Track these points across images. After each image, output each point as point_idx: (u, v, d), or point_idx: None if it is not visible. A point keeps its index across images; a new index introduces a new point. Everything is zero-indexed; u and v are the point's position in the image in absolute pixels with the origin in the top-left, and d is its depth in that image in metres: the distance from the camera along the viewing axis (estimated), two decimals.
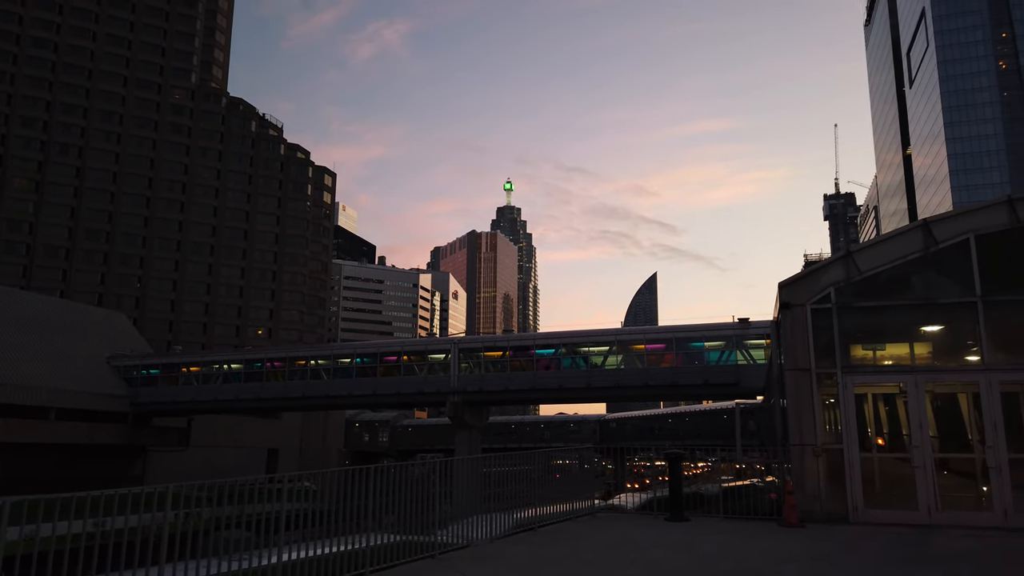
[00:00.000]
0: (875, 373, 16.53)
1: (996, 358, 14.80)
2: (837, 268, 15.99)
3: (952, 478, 17.21)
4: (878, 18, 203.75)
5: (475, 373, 57.86)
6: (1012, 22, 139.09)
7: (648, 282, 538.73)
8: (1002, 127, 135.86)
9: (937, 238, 15.42)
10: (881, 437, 21.30)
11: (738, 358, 49.87)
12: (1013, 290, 15.07)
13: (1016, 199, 15.24)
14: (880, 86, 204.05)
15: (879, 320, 16.31)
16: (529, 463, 16.17)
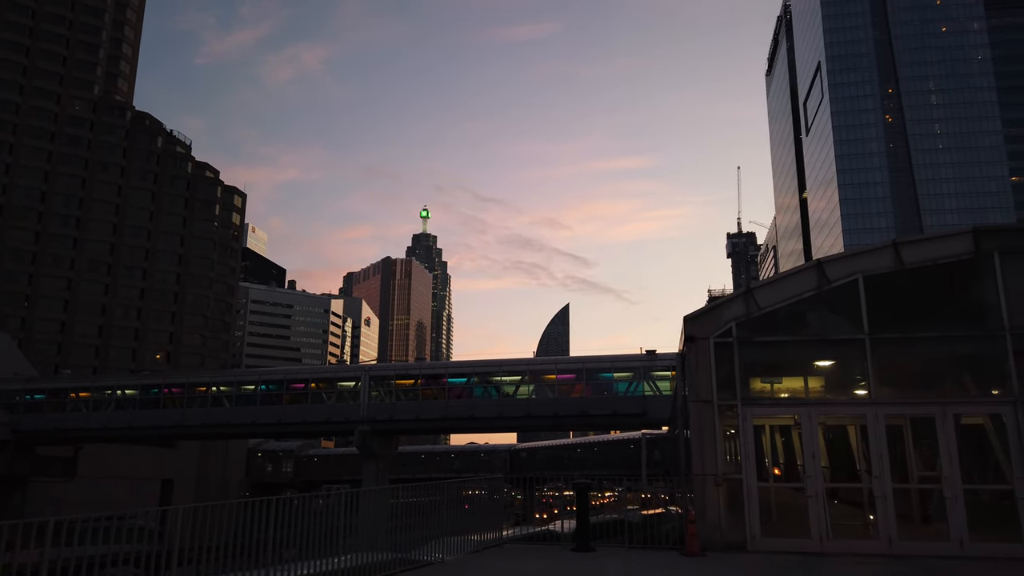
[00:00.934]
0: (772, 405, 17.23)
1: (882, 393, 15.69)
2: (738, 304, 16.65)
3: (842, 507, 18.04)
4: (778, 69, 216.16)
5: (386, 402, 56.90)
6: (898, 79, 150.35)
7: (560, 313, 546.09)
8: (888, 176, 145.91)
9: (830, 278, 16.31)
10: (778, 467, 22.16)
11: (645, 389, 51.02)
12: (897, 328, 16.06)
13: (900, 243, 16.33)
14: (779, 133, 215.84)
15: (777, 354, 17.04)
16: (438, 494, 15.97)
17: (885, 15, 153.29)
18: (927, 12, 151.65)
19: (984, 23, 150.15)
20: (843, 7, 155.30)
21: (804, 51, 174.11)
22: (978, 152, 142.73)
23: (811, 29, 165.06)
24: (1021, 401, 14.78)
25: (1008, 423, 14.82)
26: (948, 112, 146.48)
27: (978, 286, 15.97)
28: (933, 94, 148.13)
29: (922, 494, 16.51)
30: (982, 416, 16.03)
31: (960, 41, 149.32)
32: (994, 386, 15.57)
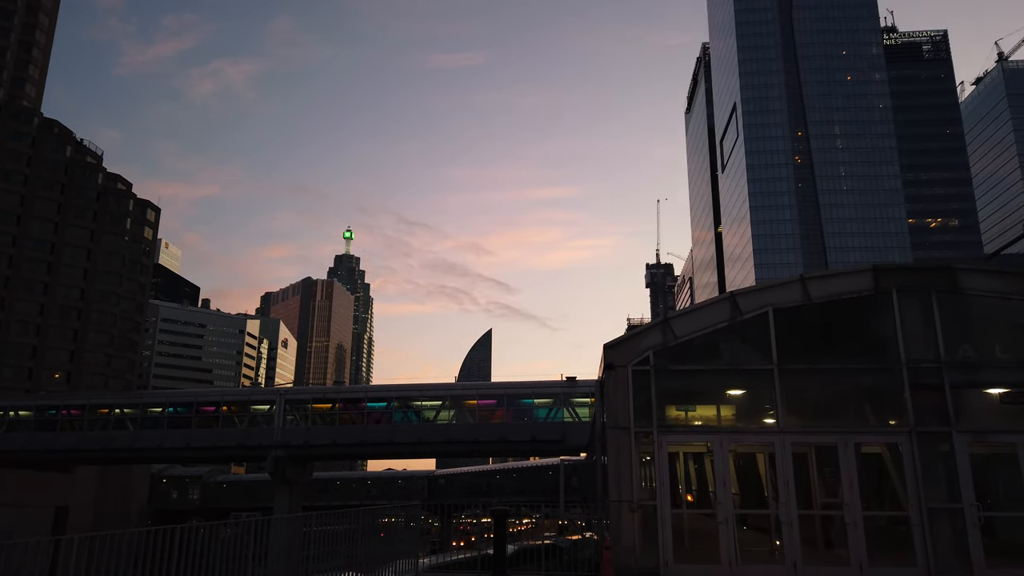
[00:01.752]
0: (687, 433, 17.64)
1: (789, 422, 16.30)
2: (656, 333, 17.05)
3: (751, 533, 18.57)
4: (697, 108, 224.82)
5: (301, 426, 55.34)
6: (807, 123, 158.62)
7: (483, 338, 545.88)
8: (797, 214, 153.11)
9: (742, 309, 16.92)
10: (691, 494, 22.65)
11: (565, 415, 51.42)
12: (803, 360, 16.76)
13: (807, 278, 17.12)
14: (697, 169, 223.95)
15: (691, 383, 17.50)
16: (353, 521, 15.60)
17: (796, 62, 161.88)
18: (834, 62, 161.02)
19: (885, 74, 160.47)
20: (758, 52, 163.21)
21: (721, 92, 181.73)
22: (878, 195, 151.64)
23: (728, 72, 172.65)
24: (916, 432, 15.62)
25: (904, 452, 15.63)
26: (852, 156, 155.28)
27: (878, 321, 16.86)
28: (839, 138, 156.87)
29: (825, 520, 17.16)
30: (880, 445, 16.84)
31: (864, 90, 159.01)
32: (892, 417, 16.41)
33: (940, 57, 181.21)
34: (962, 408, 15.80)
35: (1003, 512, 15.96)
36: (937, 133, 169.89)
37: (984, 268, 17.29)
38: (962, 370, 16.00)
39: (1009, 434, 15.64)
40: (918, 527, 15.15)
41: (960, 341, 16.10)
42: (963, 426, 15.52)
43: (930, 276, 16.61)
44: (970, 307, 16.39)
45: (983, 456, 16.28)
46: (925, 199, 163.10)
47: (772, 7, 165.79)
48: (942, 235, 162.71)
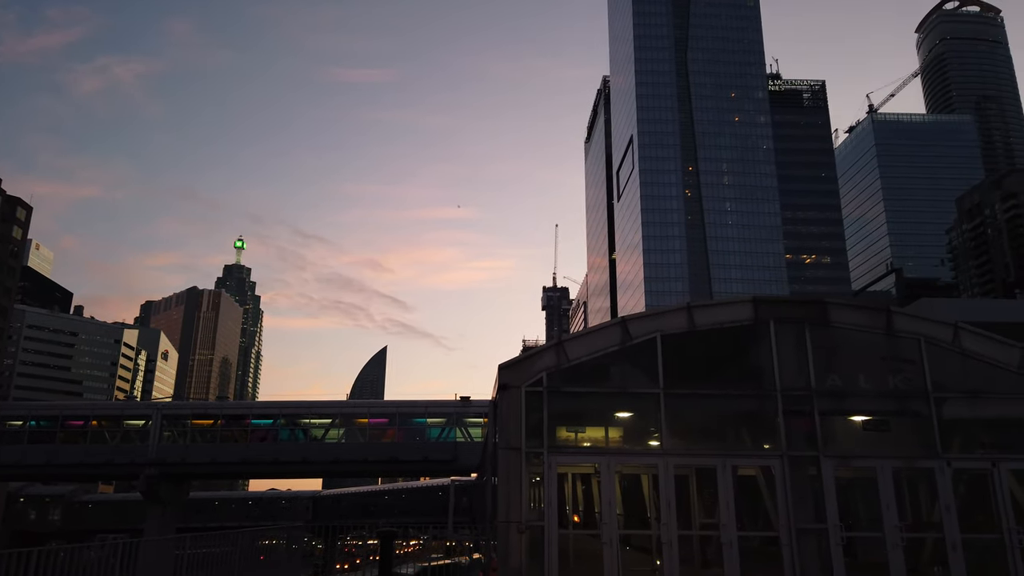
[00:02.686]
0: (576, 454, 17.97)
1: (672, 444, 16.89)
2: (550, 355, 17.33)
3: (634, 553, 19.05)
4: (596, 138, 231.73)
5: (179, 443, 52.51)
6: (697, 159, 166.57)
7: (377, 356, 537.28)
8: (685, 244, 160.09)
9: (632, 335, 17.47)
10: (578, 515, 23.01)
11: (457, 435, 51.22)
12: (687, 385, 17.42)
13: (693, 307, 17.89)
14: (594, 197, 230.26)
15: (583, 405, 17.85)
16: (230, 544, 14.92)
17: (690, 101, 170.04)
18: (723, 102, 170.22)
19: (769, 117, 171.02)
20: (655, 89, 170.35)
21: (619, 124, 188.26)
22: (760, 230, 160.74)
23: (626, 105, 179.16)
24: (787, 455, 16.53)
25: (776, 475, 16.49)
26: (737, 192, 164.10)
27: (756, 350, 17.79)
28: (726, 175, 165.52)
29: (703, 540, 17.82)
30: (756, 468, 17.69)
31: (749, 131, 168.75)
32: (766, 441, 17.30)
33: (818, 105, 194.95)
34: (829, 434, 16.86)
35: (863, 532, 17.07)
36: (813, 176, 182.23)
37: (851, 303, 18.56)
38: (830, 398, 17.09)
39: (870, 459, 16.79)
40: (787, 547, 15.98)
41: (829, 371, 17.21)
42: (829, 451, 16.55)
43: (804, 309, 17.71)
44: (838, 339, 17.57)
45: (846, 479, 17.39)
46: (801, 236, 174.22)
47: (669, 47, 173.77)
48: (815, 271, 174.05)
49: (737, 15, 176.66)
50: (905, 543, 16.13)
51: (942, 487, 16.32)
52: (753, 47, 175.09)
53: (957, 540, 15.97)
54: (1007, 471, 16.57)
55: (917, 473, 16.96)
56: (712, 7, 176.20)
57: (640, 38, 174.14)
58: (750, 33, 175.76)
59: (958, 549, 15.91)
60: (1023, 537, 16.04)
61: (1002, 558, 16.04)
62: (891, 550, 15.93)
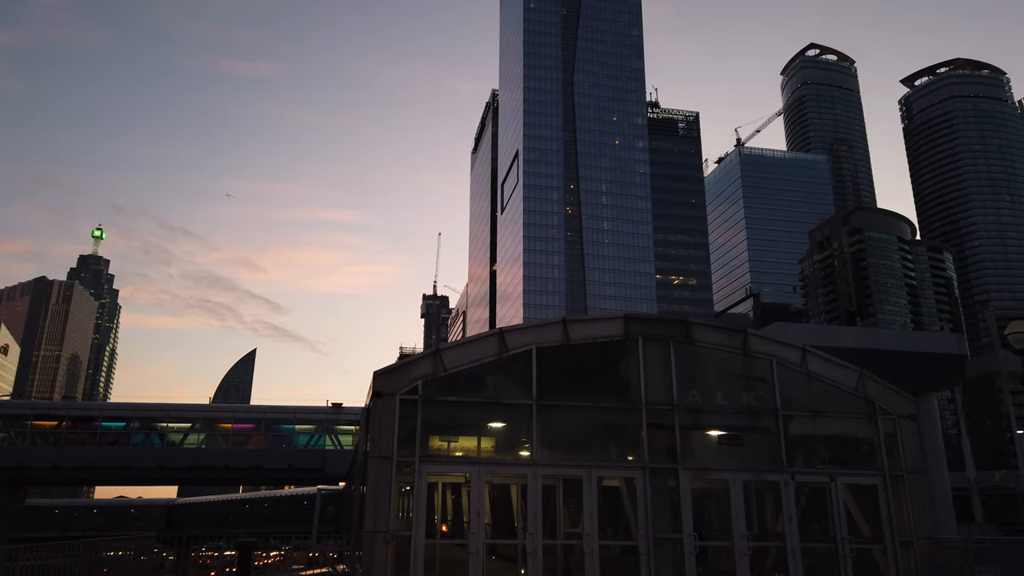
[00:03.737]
0: (447, 463, 17.96)
1: (542, 455, 17.24)
2: (427, 363, 17.28)
3: (500, 562, 19.26)
4: (483, 150, 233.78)
5: (16, 445, 48.15)
6: (579, 178, 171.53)
7: (246, 358, 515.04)
8: (564, 260, 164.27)
9: (509, 346, 17.72)
10: (446, 524, 22.99)
11: (327, 443, 49.91)
12: (560, 397, 17.86)
13: (568, 321, 18.38)
14: (479, 208, 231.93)
15: (457, 414, 17.88)
16: (70, 556, 13.84)
17: (574, 121, 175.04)
18: (605, 126, 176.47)
19: (647, 143, 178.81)
20: (542, 107, 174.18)
21: (506, 139, 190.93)
22: (633, 250, 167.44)
23: (514, 121, 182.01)
24: (649, 467, 17.27)
25: (638, 486, 17.18)
26: (614, 213, 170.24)
27: (625, 365, 18.51)
28: (604, 195, 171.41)
29: (567, 549, 18.28)
30: (619, 479, 18.35)
31: (628, 155, 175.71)
32: (630, 453, 17.99)
33: (692, 135, 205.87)
34: (688, 447, 17.77)
35: (714, 542, 18.08)
36: (684, 202, 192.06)
37: (713, 324, 19.68)
38: (690, 413, 18.03)
39: (723, 471, 17.83)
40: (645, 555, 16.66)
41: (690, 387, 18.16)
42: (687, 463, 17.44)
43: (670, 327, 18.61)
44: (700, 357, 18.58)
45: (702, 491, 18.38)
46: (671, 258, 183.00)
47: (557, 66, 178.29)
48: (682, 291, 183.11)
49: (622, 43, 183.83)
50: (752, 551, 17.22)
51: (786, 499, 17.57)
52: (635, 75, 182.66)
53: (797, 549, 17.22)
54: (843, 485, 18.06)
55: (765, 486, 18.16)
56: (599, 32, 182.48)
57: (530, 55, 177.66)
58: (633, 61, 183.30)
59: (797, 557, 17.16)
60: (854, 546, 17.52)
61: (835, 565, 17.45)
62: (739, 558, 16.96)
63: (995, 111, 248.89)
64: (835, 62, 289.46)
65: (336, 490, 45.01)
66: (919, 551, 17.76)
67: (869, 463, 18.47)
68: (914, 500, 18.05)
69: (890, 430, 18.51)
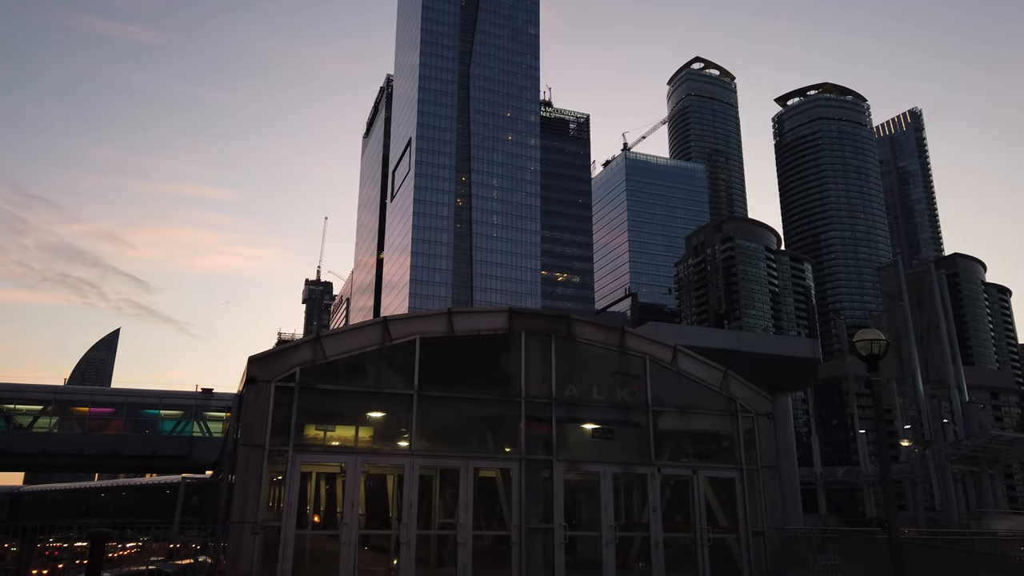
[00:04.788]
0: (323, 453, 17.65)
1: (420, 445, 17.27)
2: (306, 350, 16.88)
3: (372, 553, 19.12)
4: (375, 134, 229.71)
5: None
6: (471, 171, 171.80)
7: (108, 338, 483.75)
8: (452, 251, 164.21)
9: (392, 335, 17.61)
10: (318, 515, 22.59)
11: (195, 429, 47.71)
12: (441, 388, 17.94)
13: (454, 312, 18.47)
14: (368, 193, 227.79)
15: (335, 403, 17.60)
16: None
17: (468, 113, 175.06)
18: (499, 120, 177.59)
19: (539, 141, 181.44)
20: (436, 96, 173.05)
21: (400, 125, 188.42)
22: (521, 245, 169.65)
23: (408, 109, 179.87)
24: (526, 459, 17.65)
25: (514, 477, 17.54)
26: (505, 207, 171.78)
27: (507, 358, 18.81)
28: (495, 190, 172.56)
29: (440, 539, 18.40)
30: (496, 470, 18.66)
31: (520, 151, 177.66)
32: (508, 445, 18.33)
33: (582, 137, 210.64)
34: (563, 440, 18.31)
35: (583, 532, 18.72)
36: (572, 201, 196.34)
37: (593, 321, 20.34)
38: (567, 407, 18.58)
39: (595, 464, 18.49)
40: (516, 545, 17.03)
41: (568, 381, 18.70)
42: (562, 456, 17.96)
43: (552, 323, 19.08)
44: (579, 353, 19.16)
45: (574, 482, 18.98)
46: (556, 255, 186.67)
47: (453, 57, 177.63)
48: (565, 288, 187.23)
49: (519, 40, 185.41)
50: (618, 541, 17.98)
51: (652, 491, 18.44)
52: (530, 72, 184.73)
53: (660, 539, 18.12)
54: (704, 478, 19.16)
55: (633, 478, 18.99)
56: (497, 28, 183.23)
57: (427, 44, 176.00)
58: (529, 59, 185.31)
59: (660, 547, 18.06)
60: (711, 536, 18.63)
61: (694, 554, 18.50)
62: (605, 548, 17.66)
63: (856, 134, 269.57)
64: (717, 77, 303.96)
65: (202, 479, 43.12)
66: (769, 541, 19.11)
67: (729, 458, 19.68)
68: (767, 493, 19.39)
69: (749, 427, 19.79)
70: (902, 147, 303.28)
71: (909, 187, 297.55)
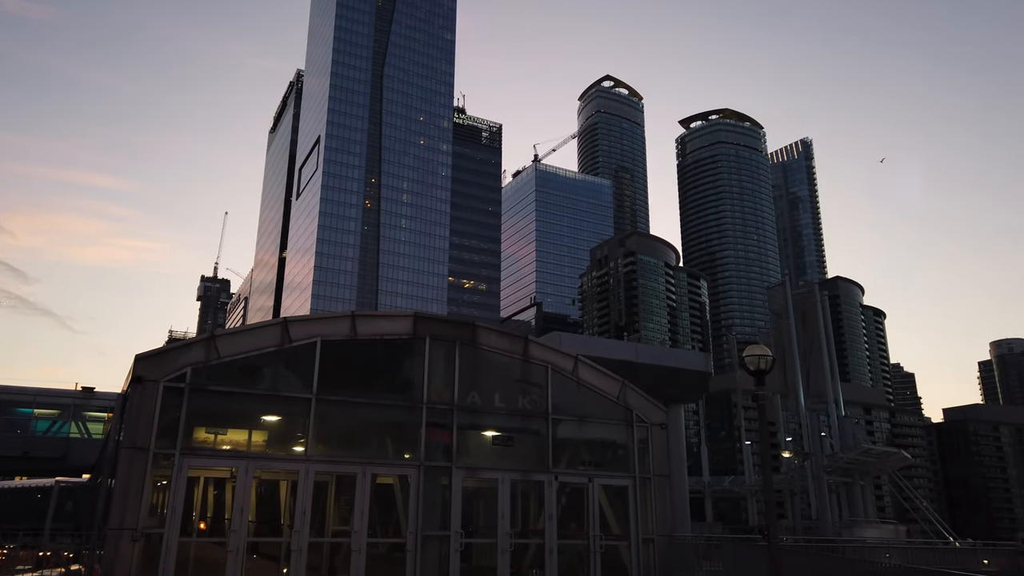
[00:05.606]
0: (213, 457, 16.96)
1: (317, 450, 16.87)
2: (199, 349, 16.20)
3: (261, 561, 18.50)
4: (282, 129, 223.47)
5: None
6: (381, 173, 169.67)
7: None
8: (358, 254, 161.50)
9: (292, 337, 17.14)
10: (205, 521, 21.67)
11: (72, 430, 44.85)
12: (342, 392, 17.58)
13: (357, 315, 18.18)
14: (273, 190, 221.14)
15: (229, 405, 16.93)
16: None
17: (381, 115, 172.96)
18: (412, 124, 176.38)
19: (451, 147, 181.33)
20: (348, 95, 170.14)
21: (309, 122, 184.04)
22: (429, 251, 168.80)
23: (318, 105, 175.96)
24: (425, 465, 17.55)
25: (412, 484, 17.39)
26: (414, 212, 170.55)
27: (410, 363, 18.68)
28: (405, 193, 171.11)
29: (334, 547, 18.02)
30: (394, 476, 18.46)
31: (432, 156, 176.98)
32: (407, 451, 18.17)
33: (494, 146, 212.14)
34: (463, 446, 18.32)
35: (480, 539, 18.77)
36: (481, 209, 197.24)
37: (498, 329, 20.46)
38: (469, 413, 18.61)
39: (494, 471, 18.58)
40: (412, 553, 16.90)
41: (471, 388, 18.75)
42: (461, 462, 17.97)
43: (458, 329, 19.09)
44: (482, 360, 19.25)
45: (473, 489, 19.01)
46: (464, 262, 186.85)
47: (367, 57, 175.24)
48: (472, 295, 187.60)
49: (434, 44, 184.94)
50: (513, 548, 18.13)
51: (548, 498, 18.71)
52: (445, 78, 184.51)
53: (554, 545, 18.38)
54: (599, 486, 19.59)
55: (531, 485, 19.20)
56: (413, 31, 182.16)
57: (340, 42, 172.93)
58: (444, 64, 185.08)
59: (554, 553, 18.32)
60: (604, 543, 19.06)
61: (587, 560, 18.87)
62: (500, 555, 17.77)
63: (752, 159, 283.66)
64: (626, 96, 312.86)
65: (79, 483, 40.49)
66: (658, 547, 19.73)
67: (623, 466, 20.20)
68: (658, 501, 20.03)
69: (643, 436, 20.39)
70: (793, 174, 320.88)
71: (798, 212, 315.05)
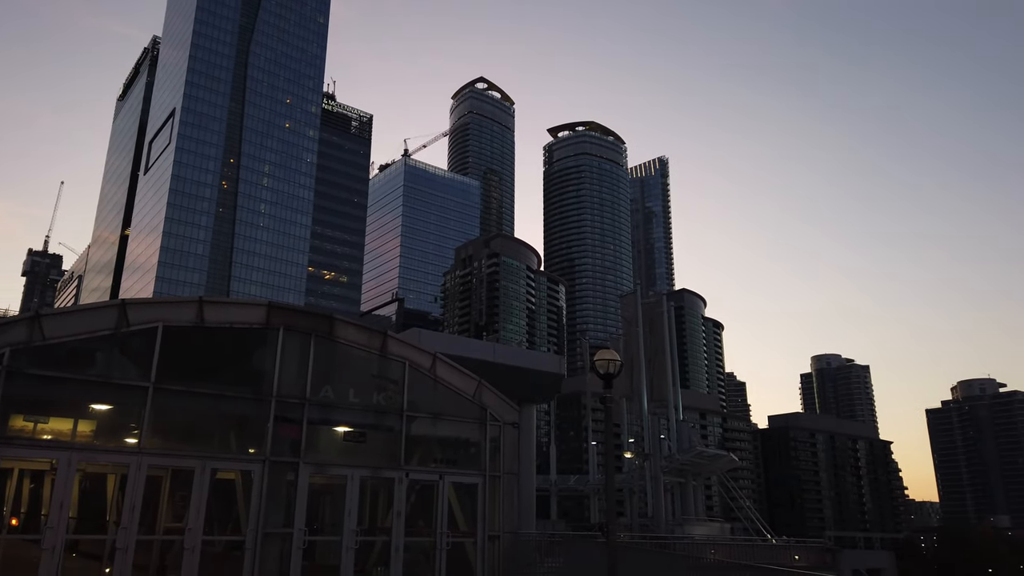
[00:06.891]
0: (30, 447, 15.52)
1: (152, 443, 15.84)
2: (20, 329, 14.80)
3: (82, 560, 17.15)
4: (132, 98, 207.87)
5: None
6: (241, 153, 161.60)
7: None
8: (211, 236, 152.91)
9: (130, 320, 16.00)
10: (17, 517, 19.80)
11: None
12: (184, 382, 16.59)
13: (205, 301, 17.24)
14: (118, 162, 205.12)
15: (53, 391, 15.57)
16: None
17: (244, 93, 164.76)
18: (277, 106, 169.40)
19: (318, 134, 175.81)
20: (209, 69, 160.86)
21: (163, 93, 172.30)
22: (288, 238, 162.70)
23: (174, 78, 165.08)
24: (270, 460, 16.94)
25: (255, 479, 16.72)
26: (274, 196, 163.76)
27: (261, 354, 17.96)
28: (266, 177, 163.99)
29: (165, 545, 17.02)
30: (236, 471, 17.67)
31: (297, 141, 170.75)
32: (252, 445, 17.45)
33: (364, 136, 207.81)
34: (313, 442, 17.85)
35: (324, 536, 18.36)
36: (347, 199, 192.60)
37: (356, 323, 20.10)
38: (321, 408, 18.16)
39: (344, 467, 18.25)
40: (250, 551, 16.25)
41: (324, 382, 18.30)
42: (309, 458, 17.50)
43: (314, 321, 18.57)
44: (339, 354, 18.85)
45: (321, 486, 18.56)
46: (326, 253, 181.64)
47: (232, 31, 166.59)
48: (332, 287, 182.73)
49: (306, 26, 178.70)
50: (359, 546, 17.87)
51: (397, 495, 18.60)
52: (315, 62, 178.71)
53: (401, 543, 18.31)
54: (449, 483, 19.72)
55: (381, 482, 19.02)
56: (284, 10, 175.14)
57: (203, 12, 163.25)
58: (315, 47, 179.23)
59: (400, 551, 18.24)
60: (451, 540, 19.20)
61: (433, 557, 18.93)
62: (345, 552, 17.47)
63: (613, 172, 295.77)
64: (498, 100, 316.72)
65: None
66: (503, 544, 20.14)
67: (475, 464, 20.45)
68: (505, 499, 20.44)
69: (496, 435, 20.74)
70: (650, 189, 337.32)
71: (652, 225, 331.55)
